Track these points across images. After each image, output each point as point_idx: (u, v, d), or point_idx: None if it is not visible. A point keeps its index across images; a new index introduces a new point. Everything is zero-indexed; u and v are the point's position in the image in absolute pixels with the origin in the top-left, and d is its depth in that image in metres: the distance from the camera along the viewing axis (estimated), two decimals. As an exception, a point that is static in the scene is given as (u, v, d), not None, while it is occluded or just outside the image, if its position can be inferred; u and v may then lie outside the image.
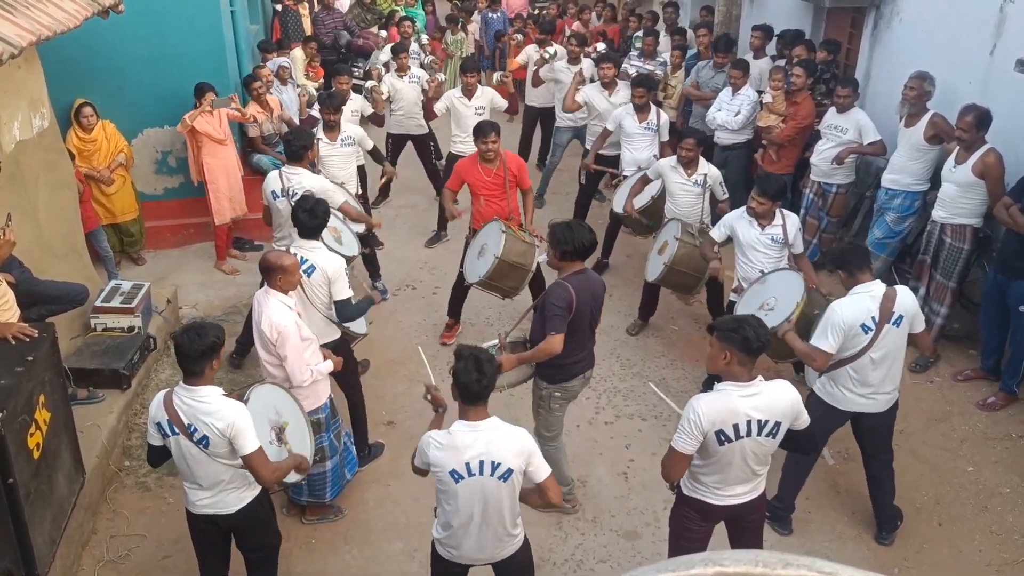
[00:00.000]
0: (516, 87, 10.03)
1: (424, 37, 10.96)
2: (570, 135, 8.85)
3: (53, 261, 5.57)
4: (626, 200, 6.82)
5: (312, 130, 6.70)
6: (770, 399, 3.40)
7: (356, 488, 5.02)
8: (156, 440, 3.62)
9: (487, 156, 6.07)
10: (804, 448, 3.78)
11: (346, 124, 6.94)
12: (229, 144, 7.57)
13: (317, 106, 7.43)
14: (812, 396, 4.56)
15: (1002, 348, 5.82)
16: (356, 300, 4.96)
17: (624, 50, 10.44)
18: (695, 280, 6.11)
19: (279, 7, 11.71)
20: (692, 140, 6.28)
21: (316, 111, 7.51)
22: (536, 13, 14.20)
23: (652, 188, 6.73)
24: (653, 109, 7.24)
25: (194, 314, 6.80)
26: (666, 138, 7.31)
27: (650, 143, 7.23)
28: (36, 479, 3.88)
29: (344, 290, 4.75)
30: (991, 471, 5.20)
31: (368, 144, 7.15)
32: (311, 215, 4.76)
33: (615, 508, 4.97)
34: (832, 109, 6.99)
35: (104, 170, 7.11)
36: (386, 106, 8.53)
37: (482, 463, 3.27)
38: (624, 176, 7.26)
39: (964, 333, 6.37)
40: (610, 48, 9.86)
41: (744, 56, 8.45)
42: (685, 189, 6.34)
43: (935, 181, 6.20)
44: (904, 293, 4.31)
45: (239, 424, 3.47)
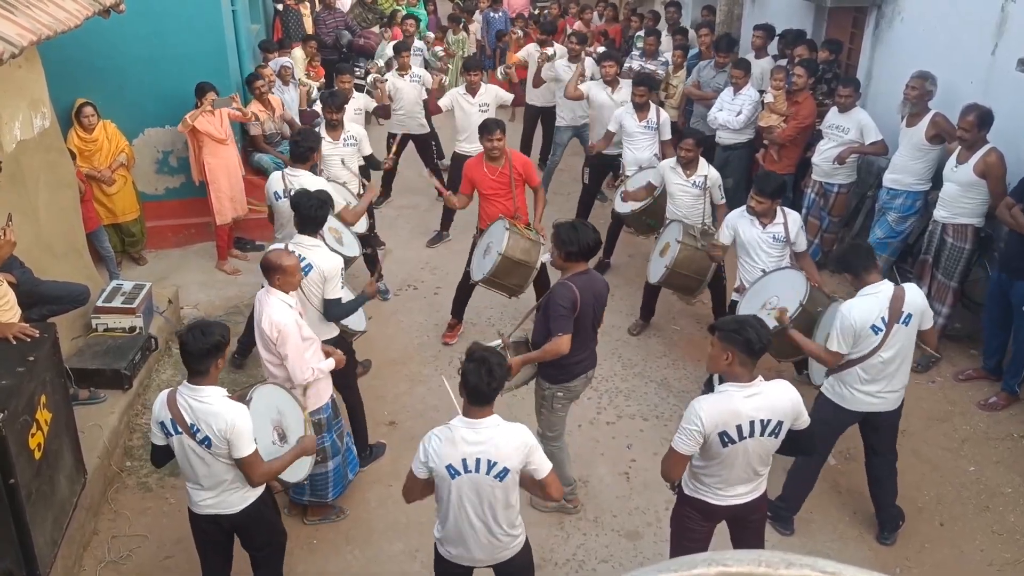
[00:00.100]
0: (513, 88, 9.99)
1: (429, 34, 10.93)
2: (570, 134, 8.84)
3: (54, 261, 5.57)
4: (628, 199, 6.81)
5: (316, 130, 6.70)
6: (771, 399, 3.40)
7: (358, 488, 5.03)
8: (159, 439, 3.62)
9: (492, 154, 6.06)
10: (804, 449, 3.76)
11: (349, 123, 6.93)
12: (230, 144, 7.57)
13: (318, 104, 7.41)
14: (820, 397, 4.55)
15: (1004, 348, 5.82)
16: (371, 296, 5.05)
17: (626, 50, 10.43)
18: (697, 282, 6.10)
19: (280, 7, 11.72)
20: (691, 140, 6.27)
21: (318, 107, 7.49)
22: (537, 13, 14.19)
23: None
24: (653, 107, 7.22)
25: (195, 314, 6.79)
26: (667, 137, 7.30)
27: (651, 142, 7.22)
28: (37, 479, 3.88)
29: (336, 290, 4.74)
30: (993, 471, 5.20)
31: (367, 148, 7.10)
32: (310, 208, 4.76)
33: (617, 508, 4.96)
34: (834, 109, 6.99)
35: (105, 170, 7.10)
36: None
37: (479, 461, 3.26)
38: (626, 176, 7.25)
39: (965, 333, 6.37)
40: (611, 48, 9.86)
41: (746, 56, 8.45)
42: (684, 190, 6.33)
43: (936, 181, 6.19)
44: (913, 291, 4.30)
45: (239, 427, 3.47)
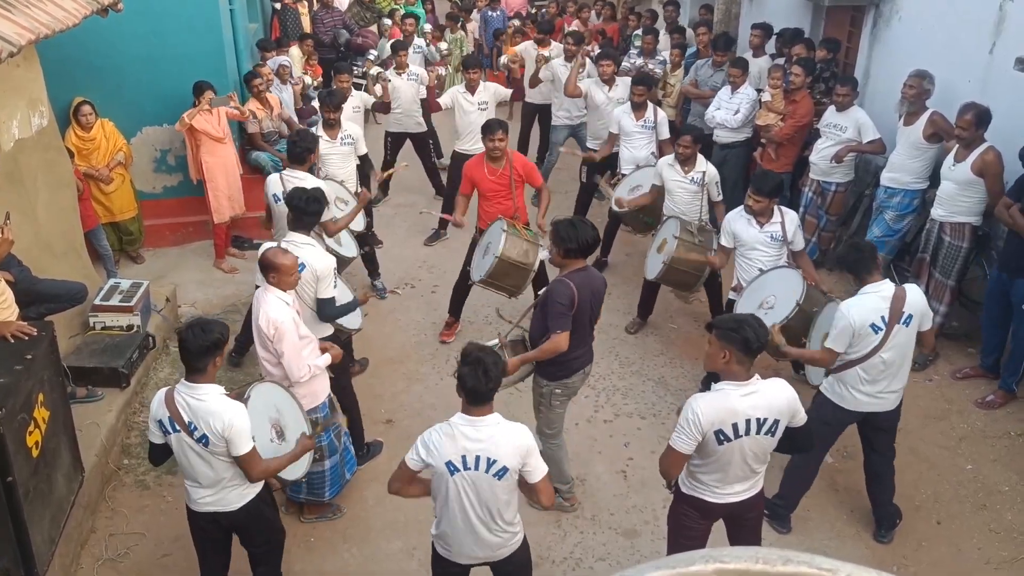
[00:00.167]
0: (511, 82, 9.97)
1: (427, 26, 10.91)
2: (567, 133, 8.83)
3: (52, 260, 5.56)
4: (626, 199, 6.81)
5: (312, 129, 6.69)
6: (768, 397, 3.40)
7: (355, 486, 5.02)
8: (157, 438, 3.62)
9: (494, 154, 6.04)
10: (801, 447, 3.76)
11: (346, 123, 6.92)
12: (228, 142, 7.56)
13: (316, 102, 7.40)
14: (819, 396, 4.56)
15: (1002, 346, 5.83)
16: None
17: (624, 48, 10.43)
18: (694, 278, 6.11)
19: (278, 5, 11.70)
20: (689, 137, 6.27)
21: (315, 103, 7.47)
22: (535, 12, 14.18)
23: (645, 187, 6.72)
24: (650, 107, 7.23)
25: (193, 312, 6.79)
26: (665, 136, 7.30)
27: (648, 141, 7.22)
28: (35, 478, 3.87)
29: (328, 289, 4.74)
30: (990, 469, 5.21)
31: (363, 148, 7.09)
32: (303, 203, 4.77)
33: (614, 506, 4.97)
34: (831, 107, 6.99)
35: (103, 169, 7.10)
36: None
37: (478, 458, 3.26)
38: (622, 174, 7.25)
39: (963, 331, 6.38)
40: (609, 46, 9.85)
41: (743, 54, 8.45)
42: (683, 187, 6.34)
43: (934, 179, 6.20)
44: (914, 292, 4.30)
45: (237, 425, 3.48)
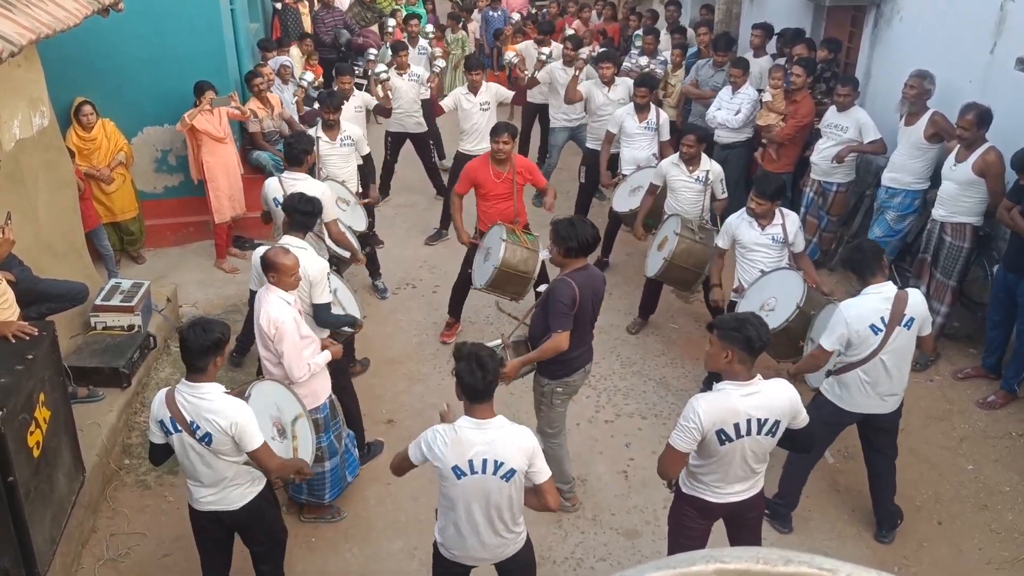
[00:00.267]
0: (513, 83, 9.96)
1: (429, 27, 10.90)
2: (566, 135, 8.83)
3: (53, 260, 5.57)
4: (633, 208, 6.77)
5: (311, 131, 6.69)
6: (769, 397, 3.40)
7: (356, 487, 5.02)
8: (158, 438, 3.62)
9: (498, 156, 6.02)
10: (802, 447, 3.77)
11: (346, 124, 6.91)
12: (229, 142, 7.56)
13: (316, 104, 7.40)
14: (819, 397, 4.55)
15: (1005, 346, 5.82)
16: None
17: (625, 48, 10.43)
18: (695, 276, 6.11)
19: (279, 5, 11.69)
20: (693, 136, 6.27)
21: (317, 105, 7.47)
22: (535, 12, 14.17)
23: (640, 192, 6.72)
24: (653, 108, 7.23)
25: (194, 312, 6.79)
26: (666, 137, 7.30)
27: (650, 142, 7.23)
28: (36, 477, 3.88)
29: (323, 295, 4.72)
30: (991, 469, 5.20)
31: (364, 149, 7.09)
32: (300, 204, 4.79)
33: (615, 506, 4.97)
34: (832, 108, 6.98)
35: (104, 169, 7.10)
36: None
37: (485, 461, 3.26)
38: (623, 175, 7.25)
39: (964, 332, 6.37)
40: (610, 46, 9.85)
41: (744, 54, 8.45)
42: (687, 186, 6.33)
43: (935, 179, 6.20)
44: (915, 296, 4.31)
45: (243, 422, 3.48)
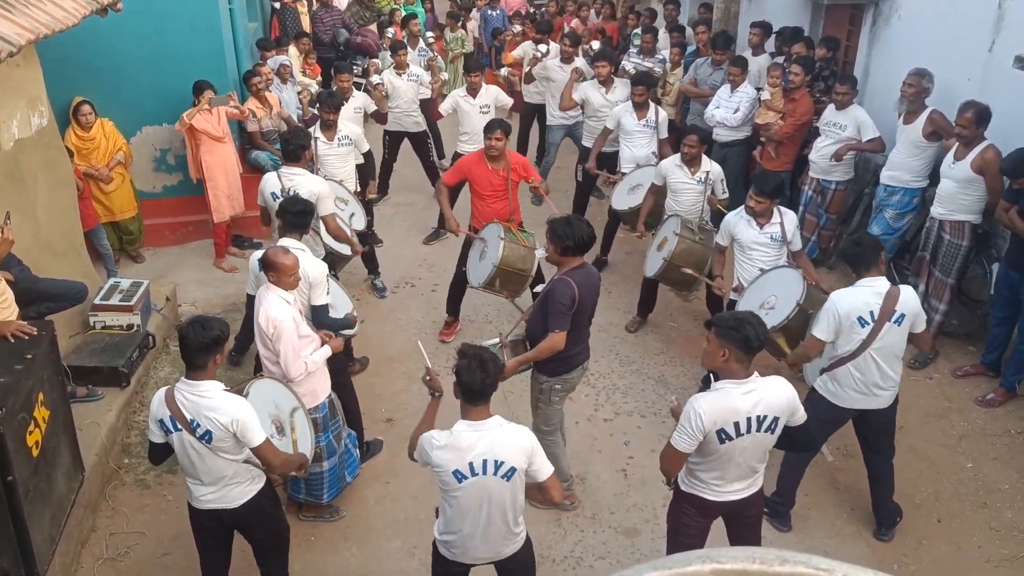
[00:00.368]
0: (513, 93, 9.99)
1: (429, 34, 10.92)
2: (563, 133, 8.83)
3: (52, 259, 5.57)
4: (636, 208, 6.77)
5: (309, 129, 6.68)
6: (768, 395, 3.41)
7: (356, 485, 5.02)
8: (158, 437, 3.62)
9: (491, 153, 6.03)
10: (800, 446, 3.78)
11: (344, 123, 6.92)
12: (228, 142, 7.56)
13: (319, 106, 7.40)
14: (813, 394, 4.56)
15: (1006, 344, 5.82)
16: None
17: (623, 47, 10.42)
18: (694, 277, 6.09)
19: (277, 5, 11.68)
20: (695, 137, 6.27)
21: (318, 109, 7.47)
22: (534, 11, 14.17)
23: (645, 186, 6.72)
24: (651, 106, 7.23)
25: (193, 312, 6.78)
26: (665, 135, 7.30)
27: (649, 140, 7.22)
28: (35, 477, 3.88)
29: (321, 297, 4.72)
30: (990, 467, 5.21)
31: (364, 146, 7.10)
32: (295, 205, 4.80)
33: (614, 505, 4.97)
34: (831, 106, 6.99)
35: (103, 168, 7.09)
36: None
37: (485, 462, 3.26)
38: (622, 173, 7.25)
39: (963, 329, 6.37)
40: (609, 45, 9.85)
41: (743, 53, 8.45)
42: (688, 187, 6.33)
43: (934, 178, 6.20)
44: (907, 292, 4.32)
45: (244, 418, 3.48)
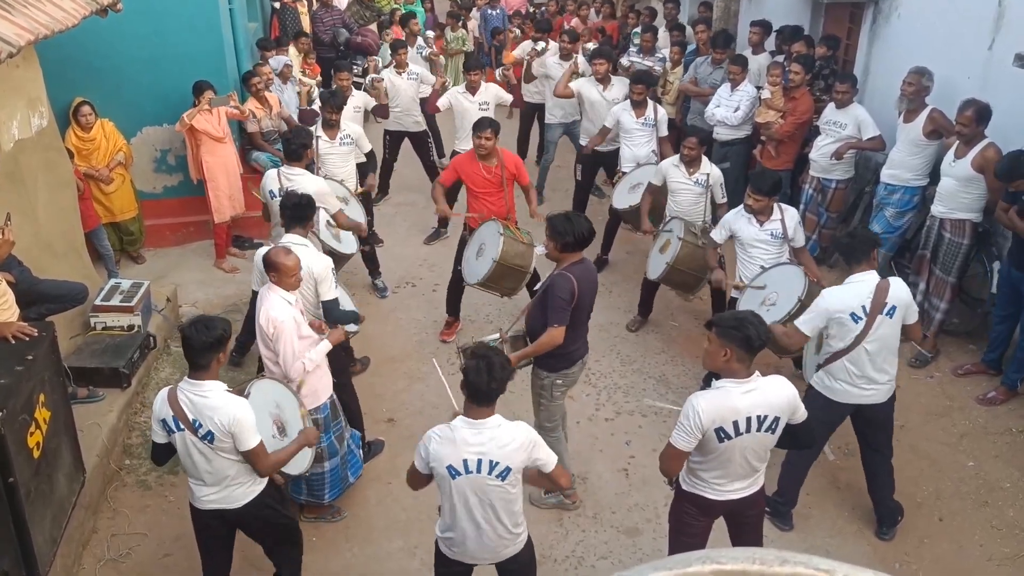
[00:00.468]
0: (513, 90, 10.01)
1: (430, 33, 10.93)
2: (560, 131, 8.82)
3: (52, 260, 5.57)
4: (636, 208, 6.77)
5: (311, 128, 6.69)
6: (768, 394, 3.41)
7: (357, 486, 5.02)
8: (160, 437, 3.62)
9: (480, 152, 6.05)
10: (802, 444, 3.78)
11: (345, 123, 6.92)
12: (228, 142, 7.56)
13: (317, 103, 7.40)
14: (811, 391, 4.57)
15: (1008, 342, 5.82)
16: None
17: (623, 46, 10.42)
18: (696, 279, 6.10)
19: (277, 5, 11.68)
20: (695, 139, 6.26)
21: (317, 105, 7.48)
22: (534, 10, 14.16)
23: (640, 189, 6.71)
24: (650, 104, 7.22)
25: (194, 312, 6.78)
26: (664, 133, 7.30)
27: (648, 139, 7.22)
28: (36, 478, 3.88)
29: (330, 291, 4.73)
30: (991, 466, 5.21)
31: (366, 146, 7.10)
32: (296, 199, 4.80)
33: (616, 504, 4.97)
34: (831, 105, 6.99)
35: (103, 169, 7.09)
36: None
37: (480, 461, 3.26)
38: (623, 172, 7.24)
39: (963, 328, 6.37)
40: (608, 44, 9.85)
41: (743, 52, 8.45)
42: (687, 188, 6.33)
43: (934, 176, 6.20)
44: (897, 284, 4.33)
45: (240, 419, 3.48)
